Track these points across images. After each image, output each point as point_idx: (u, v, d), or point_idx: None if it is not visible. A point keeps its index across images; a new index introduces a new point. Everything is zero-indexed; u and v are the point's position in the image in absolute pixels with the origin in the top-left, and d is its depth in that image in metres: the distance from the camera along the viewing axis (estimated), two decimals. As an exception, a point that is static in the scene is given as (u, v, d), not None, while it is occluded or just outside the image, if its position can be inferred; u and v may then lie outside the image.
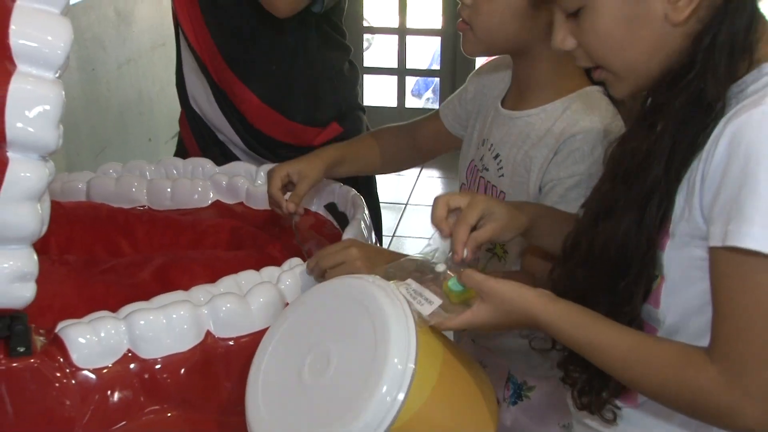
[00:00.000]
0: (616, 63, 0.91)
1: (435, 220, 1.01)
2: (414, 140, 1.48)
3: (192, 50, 1.69)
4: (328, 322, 0.95)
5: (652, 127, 0.88)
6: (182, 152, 1.81)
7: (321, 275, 1.14)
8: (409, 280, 0.96)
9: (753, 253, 0.78)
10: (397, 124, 1.51)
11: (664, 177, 0.87)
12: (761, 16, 0.86)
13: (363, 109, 1.82)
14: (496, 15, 1.16)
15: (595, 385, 0.94)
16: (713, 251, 0.83)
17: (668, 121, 0.87)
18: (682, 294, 0.89)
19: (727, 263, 0.82)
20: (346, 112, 1.75)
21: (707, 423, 0.86)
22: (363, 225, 1.32)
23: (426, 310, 0.91)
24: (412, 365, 0.87)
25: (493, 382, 1.04)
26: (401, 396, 0.86)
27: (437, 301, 0.92)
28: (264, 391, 0.95)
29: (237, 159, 1.70)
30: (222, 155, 1.72)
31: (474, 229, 1.00)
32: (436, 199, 1.03)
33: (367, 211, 1.39)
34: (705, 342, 0.84)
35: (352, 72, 1.79)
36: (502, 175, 1.24)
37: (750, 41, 0.85)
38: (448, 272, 0.96)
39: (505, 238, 1.05)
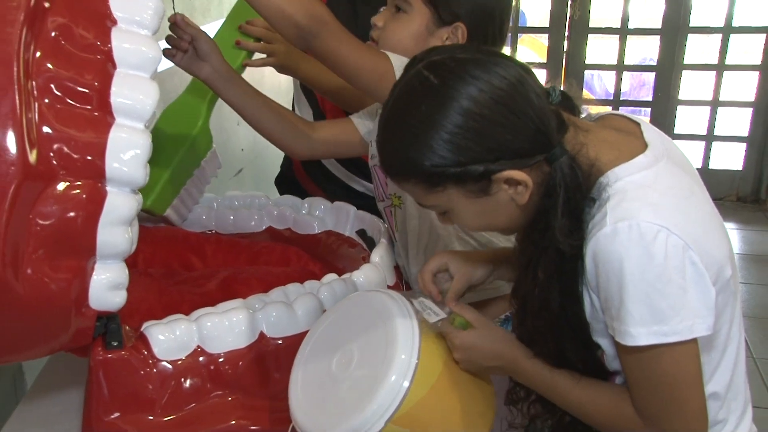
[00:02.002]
0: (489, 231, 0.90)
1: (424, 291, 0.99)
2: (312, 128, 1.31)
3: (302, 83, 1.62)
4: (352, 326, 0.96)
5: (535, 277, 0.85)
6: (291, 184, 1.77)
7: None
8: (421, 298, 0.97)
9: (637, 347, 0.79)
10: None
11: (563, 313, 0.85)
12: (582, 162, 0.81)
13: None
14: (397, 33, 1.17)
15: None
16: (612, 336, 0.82)
17: (547, 271, 0.84)
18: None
19: (622, 349, 0.81)
20: None
21: None
22: (386, 247, 1.32)
23: (432, 319, 0.92)
24: (415, 360, 0.87)
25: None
26: (406, 383, 0.86)
27: (442, 314, 0.93)
28: (303, 383, 0.95)
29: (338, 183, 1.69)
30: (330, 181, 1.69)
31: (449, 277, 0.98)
32: (418, 278, 1.00)
33: (390, 236, 1.39)
34: None
35: None
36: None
37: (582, 193, 0.80)
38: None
39: (476, 279, 1.00)
